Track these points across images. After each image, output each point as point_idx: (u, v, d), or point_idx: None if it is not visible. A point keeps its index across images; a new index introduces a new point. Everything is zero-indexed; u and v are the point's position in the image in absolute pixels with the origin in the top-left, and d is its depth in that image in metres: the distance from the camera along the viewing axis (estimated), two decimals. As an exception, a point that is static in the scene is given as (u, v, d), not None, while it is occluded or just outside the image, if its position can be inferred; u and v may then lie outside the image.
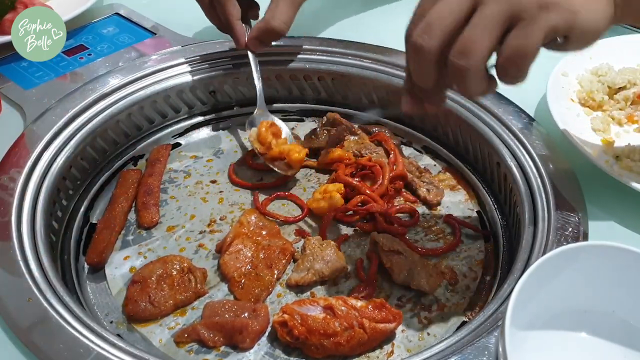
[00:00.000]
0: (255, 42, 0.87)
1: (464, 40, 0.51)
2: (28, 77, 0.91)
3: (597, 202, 0.72)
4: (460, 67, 0.51)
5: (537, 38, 0.50)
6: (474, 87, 0.53)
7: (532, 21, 0.50)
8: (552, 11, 0.50)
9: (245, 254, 0.74)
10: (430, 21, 0.52)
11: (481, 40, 0.50)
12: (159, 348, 0.66)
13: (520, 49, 0.51)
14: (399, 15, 0.57)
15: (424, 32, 0.52)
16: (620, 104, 0.85)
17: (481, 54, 0.51)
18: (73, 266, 0.75)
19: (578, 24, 0.51)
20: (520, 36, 0.50)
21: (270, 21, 0.84)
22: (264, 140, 0.84)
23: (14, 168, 0.75)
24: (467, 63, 0.51)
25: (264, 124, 0.85)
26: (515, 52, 0.51)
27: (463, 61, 0.51)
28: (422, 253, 0.76)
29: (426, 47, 0.52)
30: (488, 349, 0.57)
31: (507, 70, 0.52)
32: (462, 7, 0.51)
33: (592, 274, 0.56)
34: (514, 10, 0.50)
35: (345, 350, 0.64)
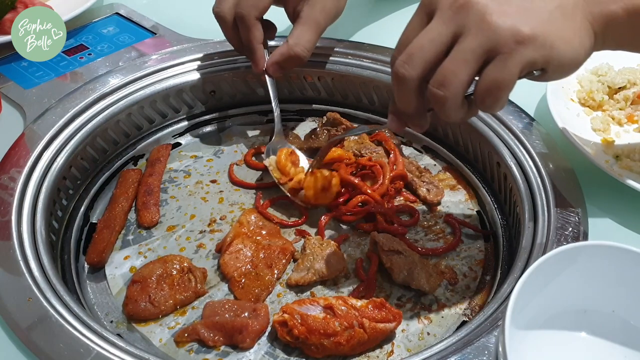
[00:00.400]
0: (275, 67, 0.84)
1: (443, 71, 0.53)
2: (28, 77, 0.91)
3: (597, 202, 0.72)
4: (439, 97, 0.53)
5: (514, 71, 0.52)
6: (452, 114, 0.55)
7: (509, 55, 0.51)
8: (528, 46, 0.51)
9: (245, 253, 0.74)
10: (411, 51, 0.54)
11: (459, 72, 0.52)
12: (159, 348, 0.66)
13: (497, 82, 0.52)
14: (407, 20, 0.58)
15: (405, 61, 0.54)
16: (620, 104, 0.85)
17: (459, 85, 0.53)
18: (73, 266, 0.75)
19: (555, 57, 0.53)
20: (498, 69, 0.52)
21: (294, 47, 0.81)
22: (283, 169, 0.82)
23: (14, 168, 0.75)
24: (445, 93, 0.53)
25: (284, 151, 0.83)
26: (492, 84, 0.52)
27: (442, 91, 0.53)
28: (422, 253, 0.76)
29: (407, 76, 0.54)
30: (488, 348, 0.57)
31: (484, 100, 0.54)
32: (443, 39, 0.53)
33: (592, 274, 0.56)
34: (492, 44, 0.51)
35: (345, 350, 0.64)
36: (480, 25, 0.51)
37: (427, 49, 0.54)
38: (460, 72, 0.52)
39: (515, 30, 0.51)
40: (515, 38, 0.51)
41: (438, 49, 0.53)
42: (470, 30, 0.52)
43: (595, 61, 0.91)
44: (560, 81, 0.87)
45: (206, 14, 1.06)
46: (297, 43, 0.82)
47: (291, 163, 0.82)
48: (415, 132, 0.63)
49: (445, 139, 0.91)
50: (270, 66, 0.84)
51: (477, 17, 0.52)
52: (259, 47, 0.84)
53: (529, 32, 0.51)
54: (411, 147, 0.93)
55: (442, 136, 0.92)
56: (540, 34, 0.52)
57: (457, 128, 0.88)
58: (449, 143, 0.91)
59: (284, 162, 0.82)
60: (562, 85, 0.87)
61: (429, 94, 0.54)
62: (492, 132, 0.82)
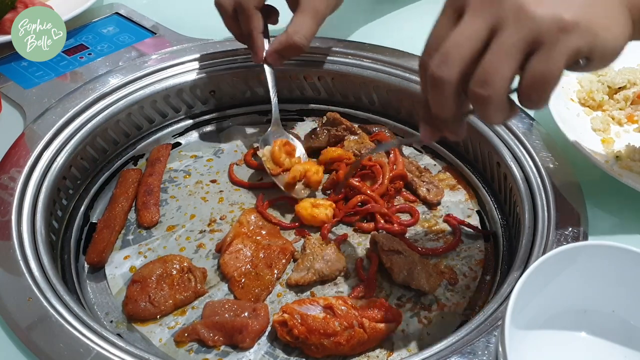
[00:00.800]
0: (275, 56, 0.84)
1: (484, 68, 0.49)
2: (28, 77, 0.91)
3: (597, 202, 0.72)
4: (482, 96, 0.50)
5: (560, 62, 0.49)
6: (496, 115, 0.51)
7: (553, 45, 0.48)
8: (572, 34, 0.48)
9: (245, 253, 0.74)
10: (447, 51, 0.50)
11: (502, 67, 0.49)
12: (159, 347, 0.66)
13: (543, 75, 0.49)
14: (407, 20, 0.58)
15: (441, 62, 0.50)
16: (620, 104, 0.85)
17: (503, 82, 0.49)
18: (73, 265, 0.75)
19: (599, 44, 0.50)
20: (543, 61, 0.49)
21: (293, 36, 0.81)
22: (277, 160, 0.81)
23: (14, 167, 0.75)
24: (488, 92, 0.49)
25: (278, 142, 0.83)
26: (538, 77, 0.49)
27: (485, 90, 0.49)
28: (422, 253, 0.76)
29: (446, 78, 0.50)
30: (488, 348, 0.57)
31: (530, 96, 0.51)
32: (480, 34, 0.49)
33: (592, 274, 0.56)
34: (534, 35, 0.48)
35: (345, 349, 0.64)
36: (518, 15, 0.48)
37: (464, 46, 0.50)
38: (503, 67, 0.49)
39: (557, 18, 0.47)
40: (558, 26, 0.47)
41: (476, 45, 0.49)
42: (509, 22, 0.48)
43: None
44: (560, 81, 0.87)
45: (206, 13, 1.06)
46: (296, 31, 0.81)
47: (286, 154, 0.82)
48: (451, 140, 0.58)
49: (446, 139, 0.91)
50: (270, 55, 0.84)
51: (514, 7, 0.48)
52: (259, 37, 0.83)
53: (572, 18, 0.48)
54: (411, 147, 0.93)
55: (442, 136, 0.91)
56: (583, 20, 0.48)
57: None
58: (449, 143, 0.91)
59: (278, 152, 0.82)
60: (562, 85, 0.86)
61: (471, 95, 0.50)
62: (492, 132, 0.82)
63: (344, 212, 0.80)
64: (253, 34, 0.83)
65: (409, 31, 1.02)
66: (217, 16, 0.84)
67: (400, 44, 0.96)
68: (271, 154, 0.83)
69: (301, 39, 0.81)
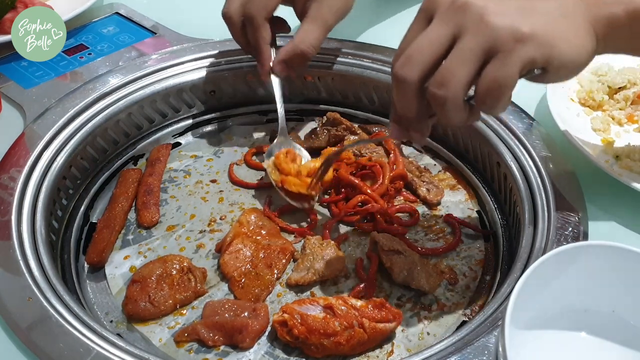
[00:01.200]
0: (282, 66, 0.83)
1: (442, 71, 0.52)
2: (28, 77, 0.91)
3: (597, 202, 0.72)
4: (439, 97, 0.52)
5: (514, 70, 0.51)
6: (453, 116, 0.54)
7: (508, 54, 0.51)
8: (528, 44, 0.51)
9: (245, 253, 0.74)
10: (410, 54, 0.53)
11: (459, 71, 0.51)
12: (159, 347, 0.66)
13: (497, 81, 0.51)
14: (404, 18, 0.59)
15: (404, 63, 0.54)
16: (620, 104, 0.85)
17: (459, 85, 0.52)
18: (73, 265, 0.75)
19: (555, 57, 0.52)
20: (497, 68, 0.51)
21: (300, 45, 0.81)
22: (283, 169, 0.80)
23: (14, 167, 0.75)
24: (445, 93, 0.52)
25: (280, 154, 0.82)
26: (492, 83, 0.52)
27: (442, 91, 0.52)
28: (422, 253, 0.76)
29: (407, 78, 0.54)
30: (488, 348, 0.57)
31: (484, 101, 0.53)
32: (442, 40, 0.53)
33: (592, 274, 0.56)
34: (491, 44, 0.51)
35: (345, 349, 0.64)
36: (479, 24, 0.51)
37: (426, 50, 0.53)
38: (460, 71, 0.52)
39: (514, 28, 0.51)
40: (514, 36, 0.50)
41: (437, 50, 0.53)
42: (469, 30, 0.51)
43: (595, 61, 0.90)
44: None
45: (206, 13, 1.07)
46: (303, 40, 0.81)
47: (291, 161, 0.82)
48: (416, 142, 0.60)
49: (445, 139, 0.91)
50: (277, 65, 0.83)
51: (475, 16, 0.51)
52: (267, 48, 0.83)
53: (529, 30, 0.51)
54: (411, 147, 0.93)
55: (442, 136, 0.92)
56: (540, 32, 0.51)
57: (457, 128, 0.88)
58: (449, 143, 0.91)
59: (283, 158, 0.81)
60: (562, 85, 0.87)
61: (429, 95, 0.53)
62: (492, 132, 0.82)
63: (344, 212, 0.80)
64: (260, 45, 0.82)
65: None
66: (217, 16, 0.84)
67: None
68: (275, 162, 0.82)
69: (308, 48, 0.81)
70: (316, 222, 0.80)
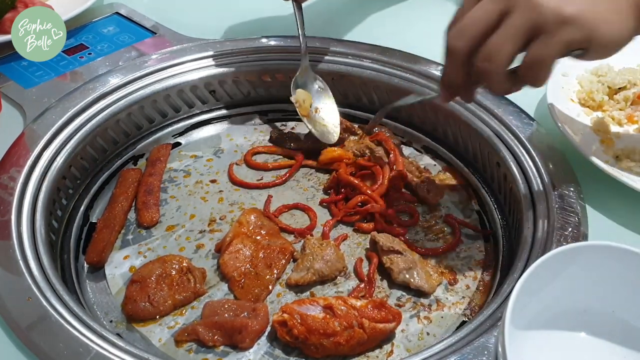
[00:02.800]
0: None
1: (489, 46, 0.57)
2: (28, 77, 0.91)
3: (597, 202, 0.72)
4: (485, 70, 0.57)
5: (555, 50, 0.55)
6: (497, 86, 0.59)
7: (552, 34, 0.55)
8: (571, 25, 0.54)
9: (244, 253, 0.74)
10: (462, 26, 0.58)
11: (504, 47, 0.56)
12: (159, 347, 0.66)
13: (539, 59, 0.56)
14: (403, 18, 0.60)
15: (456, 35, 0.59)
16: (620, 104, 0.85)
17: (503, 60, 0.56)
18: (73, 265, 0.75)
19: (597, 37, 0.56)
20: (540, 47, 0.55)
21: None
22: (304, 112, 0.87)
23: (14, 167, 0.75)
24: (490, 67, 0.57)
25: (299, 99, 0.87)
26: (534, 60, 0.56)
27: (487, 65, 0.57)
28: (421, 253, 0.76)
29: (457, 49, 0.59)
30: (487, 348, 0.57)
31: (526, 75, 0.58)
32: (492, 15, 0.56)
33: (592, 274, 0.56)
34: (537, 23, 0.55)
35: (345, 350, 0.64)
36: (527, 3, 0.55)
37: (477, 24, 0.57)
38: (505, 47, 0.56)
39: (559, 10, 0.54)
40: (558, 18, 0.54)
41: (486, 24, 0.57)
42: (517, 8, 0.55)
43: (596, 62, 0.91)
44: (560, 81, 0.87)
45: (206, 13, 1.07)
46: None
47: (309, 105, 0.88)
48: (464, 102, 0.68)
49: (445, 139, 0.91)
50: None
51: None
52: None
53: (572, 13, 0.54)
54: (411, 147, 0.93)
55: (442, 136, 0.92)
56: (583, 15, 0.54)
57: (457, 128, 0.88)
58: (448, 143, 0.91)
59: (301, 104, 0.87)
60: (562, 85, 0.87)
61: (476, 67, 0.58)
62: (492, 132, 0.82)
63: (344, 212, 0.80)
64: None
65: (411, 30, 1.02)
66: (217, 16, 0.84)
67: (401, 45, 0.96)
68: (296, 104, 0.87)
69: None
70: (316, 222, 0.80)
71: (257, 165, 0.88)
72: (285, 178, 0.86)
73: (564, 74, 0.88)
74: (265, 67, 0.95)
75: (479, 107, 0.85)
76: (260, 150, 0.91)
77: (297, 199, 0.84)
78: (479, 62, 0.57)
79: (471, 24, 0.58)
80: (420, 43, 0.95)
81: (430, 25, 0.69)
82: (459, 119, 0.87)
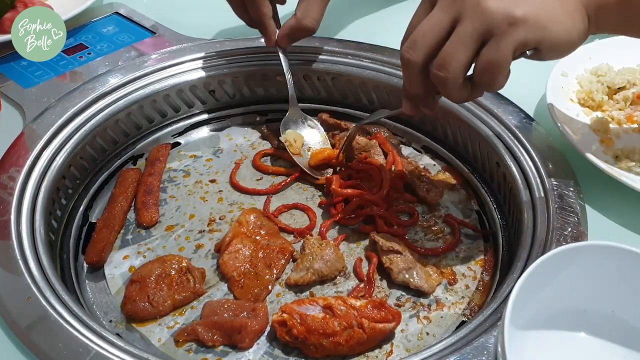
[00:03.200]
0: (285, 40, 0.87)
1: (443, 54, 0.57)
2: (27, 76, 0.91)
3: (596, 202, 0.72)
4: (441, 78, 0.58)
5: (507, 51, 0.56)
6: (455, 94, 0.59)
7: (502, 37, 0.55)
8: (520, 27, 0.55)
9: (244, 253, 0.74)
10: (415, 38, 0.59)
11: (458, 54, 0.57)
12: (158, 347, 0.66)
13: (491, 62, 0.56)
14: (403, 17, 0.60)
15: (410, 47, 0.60)
16: (619, 104, 0.85)
17: (458, 67, 0.57)
18: (72, 265, 0.75)
19: (547, 38, 0.57)
20: (492, 50, 0.56)
21: (302, 20, 0.84)
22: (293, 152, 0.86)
23: (14, 167, 0.75)
24: (446, 74, 0.57)
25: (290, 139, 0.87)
26: (487, 63, 0.57)
27: (442, 73, 0.58)
28: (421, 253, 0.76)
29: (412, 60, 0.59)
30: (487, 348, 0.57)
31: (481, 79, 0.58)
32: (443, 25, 0.58)
33: (592, 274, 0.56)
34: (488, 27, 0.55)
35: (344, 349, 0.64)
36: (475, 10, 0.56)
37: (428, 34, 0.58)
38: (459, 54, 0.56)
39: (508, 13, 0.55)
40: (507, 20, 0.55)
41: (439, 34, 0.58)
42: (467, 15, 0.56)
43: (595, 61, 0.91)
44: (560, 81, 0.87)
45: (206, 13, 1.07)
46: (305, 16, 0.84)
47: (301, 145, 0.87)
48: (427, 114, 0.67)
49: (445, 139, 0.91)
50: (281, 39, 0.88)
51: (473, 2, 0.56)
52: (270, 23, 0.87)
53: (521, 14, 0.55)
54: (410, 147, 0.93)
55: (442, 136, 0.92)
56: (532, 16, 0.55)
57: (457, 128, 0.88)
58: (448, 143, 0.91)
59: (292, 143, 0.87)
60: (561, 85, 0.87)
61: (432, 76, 0.59)
62: (492, 132, 0.82)
63: (343, 215, 0.80)
64: (263, 21, 0.86)
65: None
66: (217, 16, 0.84)
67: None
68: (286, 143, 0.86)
69: (310, 22, 0.85)
70: (315, 222, 0.80)
71: (266, 169, 0.88)
72: (280, 187, 0.85)
73: (563, 74, 0.88)
74: (265, 67, 0.95)
75: (478, 107, 0.85)
76: (267, 153, 0.91)
77: (297, 199, 0.84)
78: (435, 70, 0.58)
79: (423, 35, 0.58)
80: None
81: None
82: (458, 119, 0.87)
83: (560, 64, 0.88)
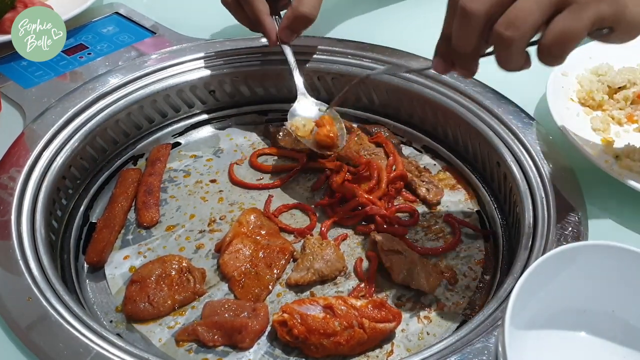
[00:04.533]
0: (286, 32, 0.85)
1: (514, 11, 0.51)
2: (28, 76, 0.91)
3: (596, 202, 0.72)
4: (506, 38, 0.51)
5: (585, 24, 0.51)
6: (514, 60, 0.54)
7: (582, 7, 0.50)
8: (603, 1, 0.51)
9: (244, 253, 0.74)
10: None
11: (531, 14, 0.50)
12: (159, 347, 0.66)
13: (566, 32, 0.51)
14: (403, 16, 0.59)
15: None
16: (620, 104, 0.85)
17: (528, 28, 0.51)
18: (73, 265, 0.75)
19: (626, 16, 0.52)
20: (569, 19, 0.51)
21: (299, 8, 0.82)
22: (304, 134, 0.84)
23: (14, 167, 0.75)
24: (513, 34, 0.51)
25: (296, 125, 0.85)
26: (561, 33, 0.51)
27: (509, 32, 0.51)
28: (421, 252, 0.76)
29: (475, 11, 0.52)
30: (487, 348, 0.57)
31: (550, 50, 0.52)
32: None
33: (592, 274, 0.56)
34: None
35: (345, 349, 0.64)
36: None
37: None
38: (532, 13, 0.51)
39: None
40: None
41: None
42: None
43: (596, 61, 0.91)
44: (560, 81, 0.87)
45: (206, 13, 1.06)
46: (301, 3, 0.82)
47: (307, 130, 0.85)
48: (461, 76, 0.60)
49: (445, 138, 0.91)
50: (282, 32, 0.86)
51: None
52: (267, 19, 0.85)
53: None
54: (411, 146, 0.93)
55: (442, 136, 0.92)
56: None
57: (457, 128, 0.88)
58: (448, 143, 0.91)
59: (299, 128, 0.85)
60: (562, 85, 0.87)
61: (495, 35, 0.52)
62: (492, 132, 0.82)
63: (342, 215, 0.80)
64: (260, 19, 0.84)
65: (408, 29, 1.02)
66: (217, 16, 0.84)
67: (400, 44, 0.96)
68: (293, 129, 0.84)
69: (308, 9, 0.83)
70: (316, 222, 0.80)
71: (257, 165, 0.88)
72: (286, 179, 0.86)
73: (563, 74, 0.88)
74: (265, 67, 0.95)
75: (479, 106, 0.85)
76: (265, 152, 0.91)
77: (297, 199, 0.84)
78: (500, 28, 0.51)
79: None
80: (420, 42, 0.95)
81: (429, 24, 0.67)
82: (459, 119, 0.87)
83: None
